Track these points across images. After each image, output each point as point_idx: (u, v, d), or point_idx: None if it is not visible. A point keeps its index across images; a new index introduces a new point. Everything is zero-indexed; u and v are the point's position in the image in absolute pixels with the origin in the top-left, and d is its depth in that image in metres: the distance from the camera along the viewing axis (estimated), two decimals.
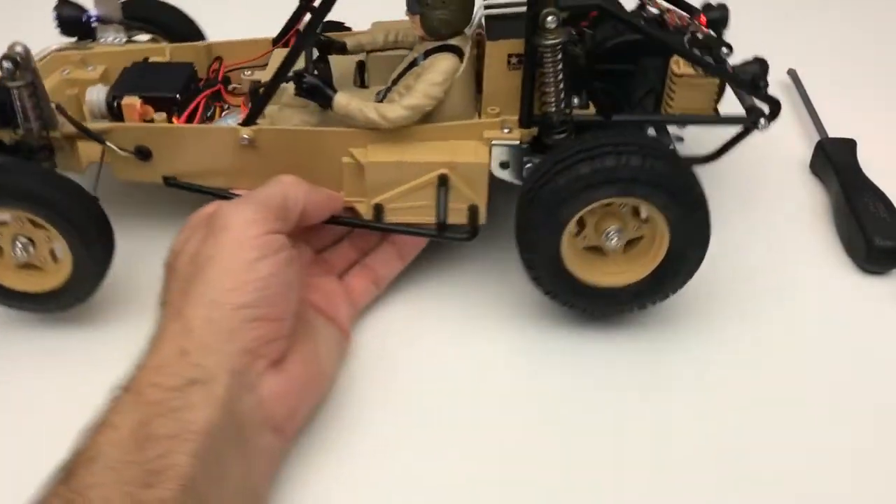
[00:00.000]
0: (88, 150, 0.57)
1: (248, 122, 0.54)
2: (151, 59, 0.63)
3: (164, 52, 0.64)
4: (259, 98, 0.54)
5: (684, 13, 0.57)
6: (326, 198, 0.52)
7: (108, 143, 0.56)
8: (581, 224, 0.51)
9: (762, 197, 0.67)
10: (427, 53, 0.52)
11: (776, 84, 0.80)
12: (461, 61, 0.52)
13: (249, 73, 0.62)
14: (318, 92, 0.52)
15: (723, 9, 0.57)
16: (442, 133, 0.52)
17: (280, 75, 0.52)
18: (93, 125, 0.56)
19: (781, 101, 0.54)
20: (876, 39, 0.88)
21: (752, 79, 0.53)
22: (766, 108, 0.54)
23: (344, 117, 0.52)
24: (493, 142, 0.52)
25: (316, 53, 0.57)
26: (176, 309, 0.43)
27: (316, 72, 0.53)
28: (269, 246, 0.45)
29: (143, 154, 0.56)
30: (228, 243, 0.44)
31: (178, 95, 0.57)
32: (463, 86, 0.52)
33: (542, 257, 0.51)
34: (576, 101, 0.53)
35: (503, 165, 0.52)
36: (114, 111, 0.57)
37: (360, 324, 0.55)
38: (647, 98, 0.57)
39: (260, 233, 0.45)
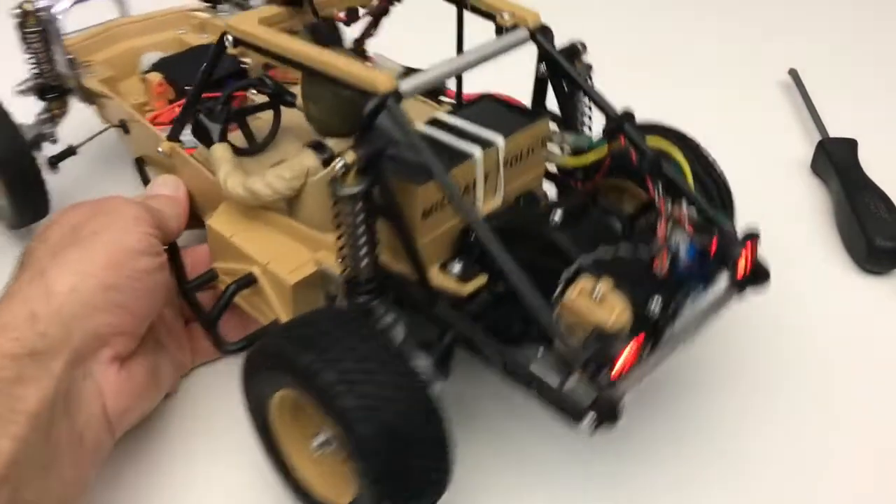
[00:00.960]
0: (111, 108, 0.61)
1: (170, 136, 0.53)
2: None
3: None
4: (177, 118, 0.52)
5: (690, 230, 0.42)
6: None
7: (95, 107, 0.60)
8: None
9: (763, 196, 0.67)
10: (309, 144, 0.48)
11: (778, 84, 0.80)
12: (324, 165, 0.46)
13: (254, 93, 0.60)
14: (202, 134, 0.50)
15: (750, 241, 0.43)
16: (289, 231, 0.47)
17: (189, 105, 0.50)
18: (96, 89, 0.60)
19: (781, 106, 0.52)
20: (876, 39, 0.88)
21: (561, 403, 0.37)
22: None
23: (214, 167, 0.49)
24: (323, 266, 0.45)
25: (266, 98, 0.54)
26: (39, 270, 0.41)
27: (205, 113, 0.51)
28: (151, 246, 0.44)
29: (125, 128, 0.59)
30: (116, 226, 0.43)
31: (186, 87, 0.58)
32: (323, 192, 0.45)
33: (260, 436, 0.43)
34: (458, 267, 0.44)
35: (330, 297, 0.46)
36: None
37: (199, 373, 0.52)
38: None
39: (146, 231, 0.44)
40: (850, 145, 0.68)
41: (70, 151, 0.62)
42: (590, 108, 0.50)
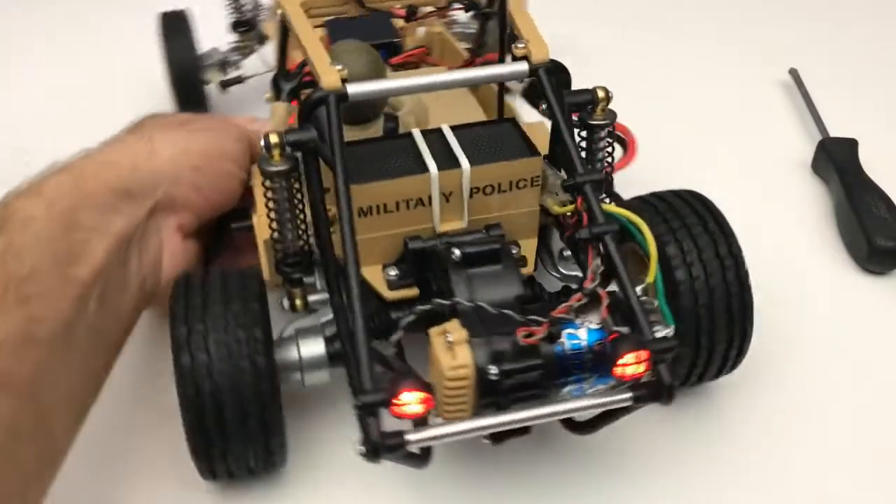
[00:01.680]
0: None
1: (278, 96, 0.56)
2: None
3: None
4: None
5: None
6: None
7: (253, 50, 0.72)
8: None
9: (764, 196, 0.67)
10: None
11: (778, 84, 0.80)
12: None
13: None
14: (277, 90, 0.54)
15: (647, 351, 0.37)
16: None
17: (278, 64, 0.54)
18: (265, 32, 0.69)
19: (781, 106, 0.50)
20: (877, 39, 0.88)
21: None
22: None
23: None
24: None
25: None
26: (149, 136, 0.48)
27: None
28: (241, 159, 0.51)
29: None
30: (219, 132, 0.50)
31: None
32: None
33: None
34: (394, 273, 0.45)
35: None
36: None
37: None
38: None
39: (241, 148, 0.51)
40: (851, 145, 0.68)
41: (238, 80, 0.72)
42: (611, 155, 0.48)
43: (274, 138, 0.41)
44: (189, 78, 0.71)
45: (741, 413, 0.50)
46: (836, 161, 0.67)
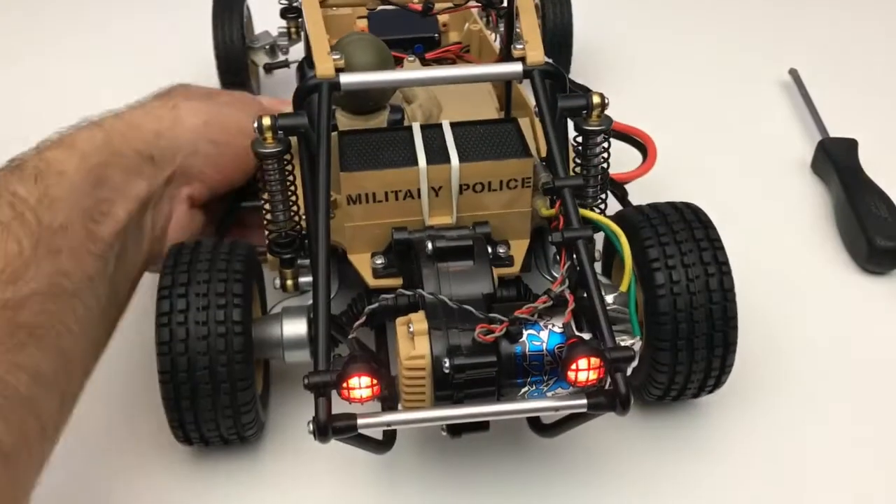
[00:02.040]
0: None
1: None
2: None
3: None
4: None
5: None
6: None
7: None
8: None
9: (764, 196, 0.67)
10: None
11: (778, 84, 0.80)
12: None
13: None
14: (302, 76, 0.55)
15: (598, 358, 0.37)
16: None
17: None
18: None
19: (781, 106, 0.50)
20: (877, 39, 0.88)
21: None
22: None
23: None
24: None
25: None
26: (174, 104, 0.49)
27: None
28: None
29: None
30: (243, 109, 0.50)
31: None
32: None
33: None
34: (380, 261, 0.45)
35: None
36: None
37: None
38: None
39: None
40: (850, 145, 0.68)
41: (284, 64, 0.75)
42: (606, 161, 0.47)
43: (266, 121, 0.42)
44: (235, 57, 0.73)
45: (739, 414, 0.50)
46: (836, 161, 0.67)
